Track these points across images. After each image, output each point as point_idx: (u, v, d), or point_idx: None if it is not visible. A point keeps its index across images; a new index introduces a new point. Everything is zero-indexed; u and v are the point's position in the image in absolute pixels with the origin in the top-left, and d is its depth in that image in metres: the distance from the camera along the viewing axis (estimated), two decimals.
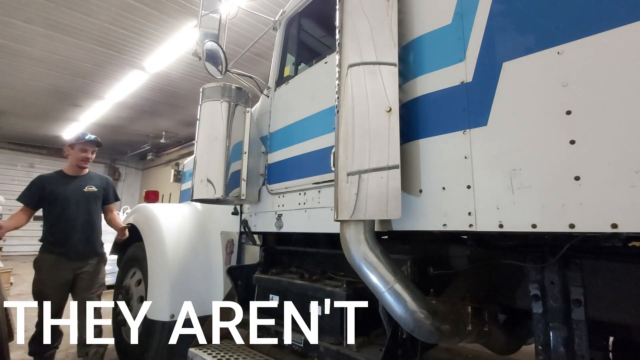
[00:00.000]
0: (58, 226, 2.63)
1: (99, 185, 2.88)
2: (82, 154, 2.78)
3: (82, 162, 2.78)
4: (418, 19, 1.37)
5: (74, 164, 2.79)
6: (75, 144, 2.77)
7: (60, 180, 2.73)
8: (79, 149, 2.76)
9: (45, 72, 7.24)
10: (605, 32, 0.90)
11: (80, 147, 2.78)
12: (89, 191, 2.79)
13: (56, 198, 2.64)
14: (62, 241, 2.61)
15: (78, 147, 2.77)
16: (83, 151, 2.78)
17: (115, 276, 3.41)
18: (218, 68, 2.27)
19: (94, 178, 2.91)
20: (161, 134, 11.64)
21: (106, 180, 3.00)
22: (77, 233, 2.65)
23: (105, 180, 2.99)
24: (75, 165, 2.79)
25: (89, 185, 2.81)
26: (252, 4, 3.78)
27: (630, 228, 0.82)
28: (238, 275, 2.28)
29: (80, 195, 2.73)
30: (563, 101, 0.95)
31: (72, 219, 2.66)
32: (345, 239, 1.31)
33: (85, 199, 2.76)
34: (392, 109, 1.27)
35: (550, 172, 0.96)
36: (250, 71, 2.62)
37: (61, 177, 2.78)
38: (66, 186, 2.70)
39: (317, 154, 1.85)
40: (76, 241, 2.63)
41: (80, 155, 2.77)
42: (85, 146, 2.79)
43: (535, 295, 1.18)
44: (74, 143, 2.78)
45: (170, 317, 2.38)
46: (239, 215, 2.46)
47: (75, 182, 2.76)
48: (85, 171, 2.86)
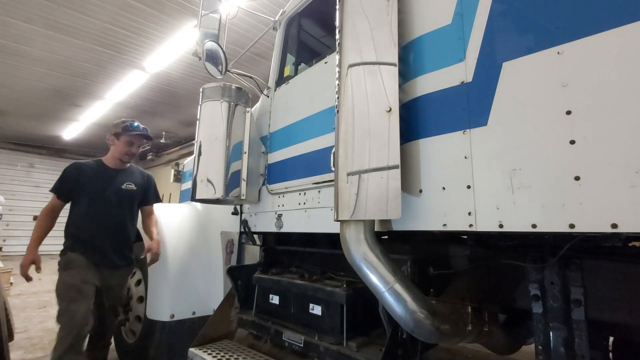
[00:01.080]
0: (84, 225, 2.24)
1: (139, 182, 2.48)
2: (127, 148, 2.39)
3: (126, 156, 2.41)
4: (418, 19, 1.37)
5: (116, 157, 2.40)
6: (122, 134, 2.36)
7: (98, 171, 2.34)
8: (125, 141, 2.37)
9: (45, 72, 7.24)
10: (605, 32, 0.90)
11: (127, 140, 2.37)
12: (128, 189, 2.40)
13: (89, 191, 2.27)
14: (88, 243, 2.24)
15: (124, 139, 2.37)
16: (129, 144, 2.39)
17: None
18: (218, 68, 2.27)
19: (135, 174, 2.51)
20: (161, 134, 11.64)
21: (147, 178, 2.60)
22: (107, 237, 2.28)
23: (146, 177, 2.60)
24: (117, 158, 2.41)
25: (129, 182, 2.42)
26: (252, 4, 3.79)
27: (630, 228, 0.82)
28: (238, 275, 2.28)
29: (117, 193, 2.35)
30: (563, 101, 0.95)
31: (102, 219, 2.28)
32: (345, 239, 1.31)
33: (123, 198, 2.37)
34: (392, 109, 1.27)
35: (550, 172, 0.96)
36: (250, 71, 2.62)
37: (100, 167, 2.38)
38: (104, 179, 2.33)
39: (317, 154, 1.85)
40: (105, 246, 2.27)
41: (125, 149, 2.38)
42: (133, 139, 2.39)
43: (535, 295, 1.18)
44: (120, 133, 2.36)
45: (170, 317, 2.38)
46: (239, 215, 2.46)
47: (114, 177, 2.37)
48: (127, 165, 2.47)
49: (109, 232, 2.29)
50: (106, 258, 2.26)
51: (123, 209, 2.38)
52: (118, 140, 2.38)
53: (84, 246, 2.22)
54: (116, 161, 2.42)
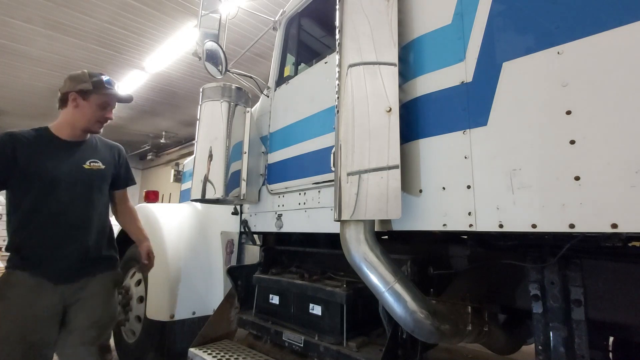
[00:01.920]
0: (35, 226, 1.52)
1: (107, 158, 1.77)
2: (101, 112, 1.66)
3: (98, 124, 1.69)
4: (418, 19, 1.37)
5: (79, 124, 1.64)
6: (93, 92, 1.62)
7: (45, 146, 1.58)
8: (97, 103, 1.64)
9: (45, 72, 7.25)
10: (605, 32, 0.90)
11: (101, 100, 1.65)
12: (93, 168, 1.68)
13: (34, 176, 1.52)
14: (42, 253, 1.51)
15: (97, 99, 1.64)
16: (102, 106, 1.66)
17: None
18: (218, 68, 2.27)
19: (99, 146, 1.77)
20: (161, 134, 11.65)
21: (118, 151, 1.87)
22: (71, 241, 1.57)
23: (116, 150, 1.87)
24: (82, 127, 1.65)
25: (93, 159, 1.69)
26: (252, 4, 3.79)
27: (630, 228, 0.82)
28: (238, 275, 2.28)
29: (78, 175, 1.62)
30: (563, 101, 0.95)
31: (60, 215, 1.55)
32: (345, 239, 1.31)
33: (87, 181, 1.65)
34: (392, 109, 1.27)
35: (550, 172, 0.96)
36: (250, 71, 2.62)
37: (47, 140, 1.60)
38: (55, 157, 1.58)
39: (317, 154, 1.85)
40: (69, 252, 1.56)
41: (97, 113, 1.65)
42: (109, 99, 1.69)
43: (535, 295, 1.18)
44: (90, 90, 1.61)
45: (170, 317, 2.38)
46: (239, 215, 2.46)
47: (71, 152, 1.64)
48: (87, 136, 1.72)
49: (72, 234, 1.58)
50: (72, 271, 1.56)
51: (89, 197, 1.65)
52: (86, 100, 1.61)
53: (34, 258, 1.51)
54: (76, 131, 1.65)
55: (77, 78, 1.64)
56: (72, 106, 1.63)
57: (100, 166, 1.72)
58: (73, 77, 1.64)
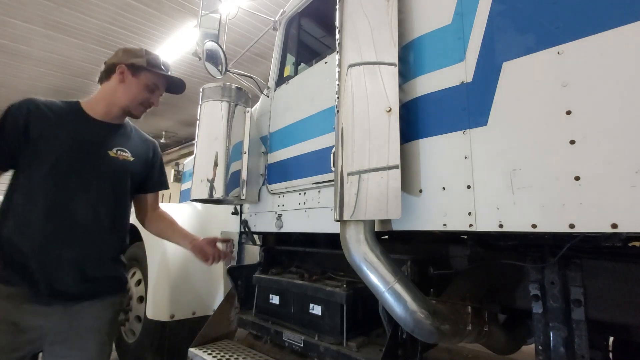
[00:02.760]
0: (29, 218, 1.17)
1: (139, 151, 1.49)
2: (148, 94, 1.45)
3: (141, 107, 1.46)
4: (418, 19, 1.37)
5: (120, 103, 1.40)
6: (145, 70, 1.41)
7: (67, 121, 1.29)
8: (146, 82, 1.42)
9: (45, 72, 7.25)
10: (605, 32, 0.90)
11: (151, 80, 1.44)
12: (120, 158, 1.39)
13: (48, 151, 1.22)
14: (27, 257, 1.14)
15: (147, 78, 1.42)
16: (151, 89, 1.45)
17: None
18: (218, 68, 2.27)
19: (133, 135, 1.50)
20: (161, 134, 11.65)
21: (153, 147, 1.59)
22: (73, 243, 1.21)
23: (151, 145, 1.59)
24: (122, 105, 1.40)
25: (121, 148, 1.41)
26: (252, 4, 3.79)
27: (630, 228, 0.82)
28: (238, 275, 2.28)
29: (98, 161, 1.32)
30: (563, 101, 0.95)
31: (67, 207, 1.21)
32: (345, 239, 1.31)
33: (110, 171, 1.35)
34: (392, 109, 1.27)
35: (550, 172, 0.96)
36: (250, 71, 2.62)
37: (72, 115, 1.33)
38: (76, 136, 1.28)
39: (317, 154, 1.85)
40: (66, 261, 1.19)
41: (143, 94, 1.43)
42: (159, 82, 1.47)
43: (535, 295, 1.18)
44: (142, 66, 1.40)
45: (170, 317, 2.38)
46: (239, 215, 2.46)
47: (98, 134, 1.36)
48: (124, 119, 1.49)
49: (74, 237, 1.21)
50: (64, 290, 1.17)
51: (107, 192, 1.33)
52: (135, 76, 1.39)
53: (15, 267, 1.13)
54: (112, 109, 1.40)
55: (131, 51, 1.44)
56: (117, 80, 1.39)
57: (129, 157, 1.42)
58: (127, 50, 1.44)
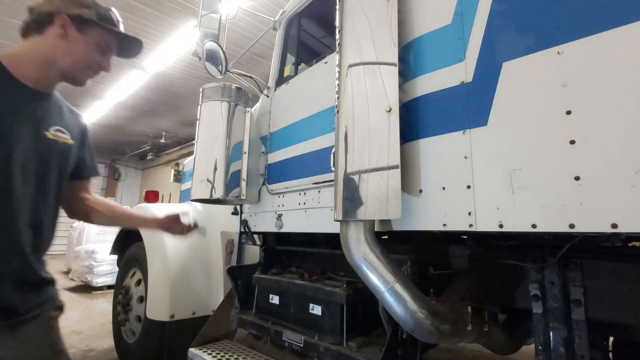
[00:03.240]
0: None
1: (75, 131, 1.19)
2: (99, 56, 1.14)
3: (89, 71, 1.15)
4: (418, 19, 1.37)
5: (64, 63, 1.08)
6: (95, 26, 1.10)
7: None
8: (97, 41, 1.12)
9: None
10: (605, 32, 0.90)
11: (103, 38, 1.13)
12: (58, 141, 1.10)
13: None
14: None
15: (100, 34, 1.12)
16: (103, 49, 1.14)
17: (115, 276, 3.40)
18: (218, 68, 2.27)
19: (66, 112, 1.19)
20: (161, 134, 11.65)
21: (83, 122, 1.30)
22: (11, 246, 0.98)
23: (82, 122, 1.29)
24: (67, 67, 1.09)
25: (59, 128, 1.11)
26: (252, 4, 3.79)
27: (630, 228, 0.82)
28: (238, 275, 2.28)
29: (36, 145, 1.04)
30: (563, 101, 0.95)
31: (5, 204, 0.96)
32: (345, 239, 1.31)
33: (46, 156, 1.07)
34: (392, 109, 1.27)
35: (550, 172, 0.96)
36: (250, 71, 2.62)
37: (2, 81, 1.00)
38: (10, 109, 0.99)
39: (317, 154, 1.85)
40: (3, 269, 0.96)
41: (94, 55, 1.13)
42: (111, 40, 1.16)
43: (535, 295, 1.18)
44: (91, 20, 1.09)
45: (170, 317, 2.38)
46: (239, 215, 2.46)
47: (33, 108, 1.05)
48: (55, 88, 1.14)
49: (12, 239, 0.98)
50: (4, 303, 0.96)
51: (46, 183, 1.07)
52: (81, 32, 1.08)
53: None
54: (49, 73, 1.08)
55: (73, 1, 1.08)
56: (55, 35, 1.05)
57: (68, 140, 1.14)
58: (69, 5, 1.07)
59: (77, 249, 6.77)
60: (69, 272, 7.01)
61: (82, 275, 6.23)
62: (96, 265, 5.95)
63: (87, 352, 3.22)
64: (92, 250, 6.11)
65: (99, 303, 5.20)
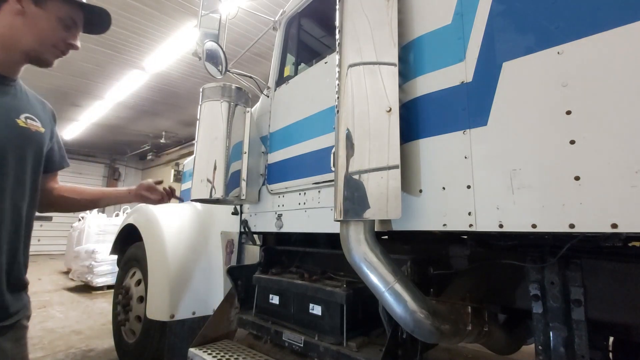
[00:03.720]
0: None
1: (44, 119, 1.13)
2: (63, 33, 1.06)
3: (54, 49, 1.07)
4: (418, 19, 1.37)
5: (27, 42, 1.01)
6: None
7: None
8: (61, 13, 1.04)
9: (45, 72, 7.24)
10: (605, 32, 0.90)
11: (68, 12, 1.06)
12: (31, 128, 1.05)
13: None
14: None
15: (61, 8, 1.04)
16: (67, 24, 1.06)
17: (115, 276, 3.40)
18: (218, 68, 2.27)
19: (31, 97, 1.13)
20: (161, 134, 11.65)
21: (52, 112, 1.22)
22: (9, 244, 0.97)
23: (49, 110, 1.21)
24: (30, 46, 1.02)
25: (29, 115, 1.06)
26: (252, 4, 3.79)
27: (630, 228, 0.82)
28: (238, 275, 2.28)
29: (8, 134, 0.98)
30: (563, 101, 0.95)
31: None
32: (345, 239, 1.31)
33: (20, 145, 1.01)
34: (392, 109, 1.27)
35: (550, 172, 0.96)
36: (250, 71, 2.62)
37: None
38: None
39: (317, 154, 1.85)
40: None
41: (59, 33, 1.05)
42: (75, 14, 1.08)
43: (535, 295, 1.18)
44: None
45: (170, 317, 2.38)
46: (239, 215, 2.46)
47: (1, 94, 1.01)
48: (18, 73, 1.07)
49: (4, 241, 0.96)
50: None
51: (22, 175, 1.02)
52: (40, 7, 1.01)
53: None
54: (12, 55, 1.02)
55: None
56: (11, 11, 0.98)
57: (40, 128, 1.08)
58: None
59: (77, 249, 6.78)
60: (69, 272, 7.01)
61: (82, 275, 6.23)
62: (96, 265, 5.95)
63: (87, 352, 3.22)
64: (92, 250, 6.12)
65: (99, 303, 5.21)
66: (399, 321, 1.23)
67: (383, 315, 1.40)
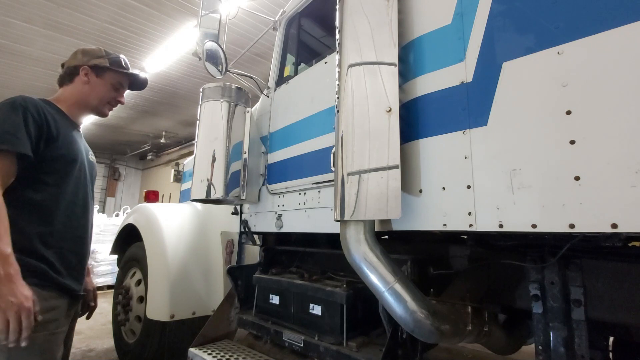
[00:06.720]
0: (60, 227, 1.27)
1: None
2: (115, 93, 1.52)
3: (108, 107, 1.53)
4: (418, 19, 1.37)
5: (92, 102, 1.47)
6: (109, 70, 1.47)
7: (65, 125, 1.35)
8: (112, 82, 1.49)
9: (45, 72, 7.25)
10: (605, 32, 0.90)
11: (117, 79, 1.51)
12: (93, 163, 1.55)
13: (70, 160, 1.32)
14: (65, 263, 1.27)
15: (112, 77, 1.49)
16: (117, 87, 1.52)
17: (115, 276, 3.40)
18: (218, 68, 2.27)
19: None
20: (161, 134, 11.65)
21: None
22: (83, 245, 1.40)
23: None
24: (94, 105, 1.48)
25: (91, 151, 1.55)
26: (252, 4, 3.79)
27: (630, 228, 0.82)
28: (238, 275, 2.28)
29: (87, 166, 1.45)
30: (563, 101, 0.95)
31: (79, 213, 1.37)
32: (345, 239, 1.31)
33: (90, 174, 1.48)
34: (392, 109, 1.27)
35: (550, 172, 0.96)
36: (250, 71, 2.62)
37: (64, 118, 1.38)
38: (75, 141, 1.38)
39: (317, 154, 1.85)
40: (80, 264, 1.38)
41: (111, 93, 1.50)
42: (123, 80, 1.54)
43: (535, 295, 1.18)
44: (105, 67, 1.46)
45: (170, 317, 2.38)
46: (239, 215, 2.46)
47: (80, 138, 1.46)
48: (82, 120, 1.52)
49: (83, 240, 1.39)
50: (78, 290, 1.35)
51: (91, 196, 1.47)
52: (99, 77, 1.45)
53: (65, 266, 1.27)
54: (84, 111, 1.48)
55: (91, 52, 1.47)
56: (81, 82, 1.43)
57: (94, 159, 1.56)
58: (87, 51, 1.47)
59: None
60: None
61: None
62: (96, 265, 5.95)
63: (87, 352, 3.22)
64: (92, 250, 6.11)
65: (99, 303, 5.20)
66: (399, 321, 1.23)
67: (383, 315, 1.40)
